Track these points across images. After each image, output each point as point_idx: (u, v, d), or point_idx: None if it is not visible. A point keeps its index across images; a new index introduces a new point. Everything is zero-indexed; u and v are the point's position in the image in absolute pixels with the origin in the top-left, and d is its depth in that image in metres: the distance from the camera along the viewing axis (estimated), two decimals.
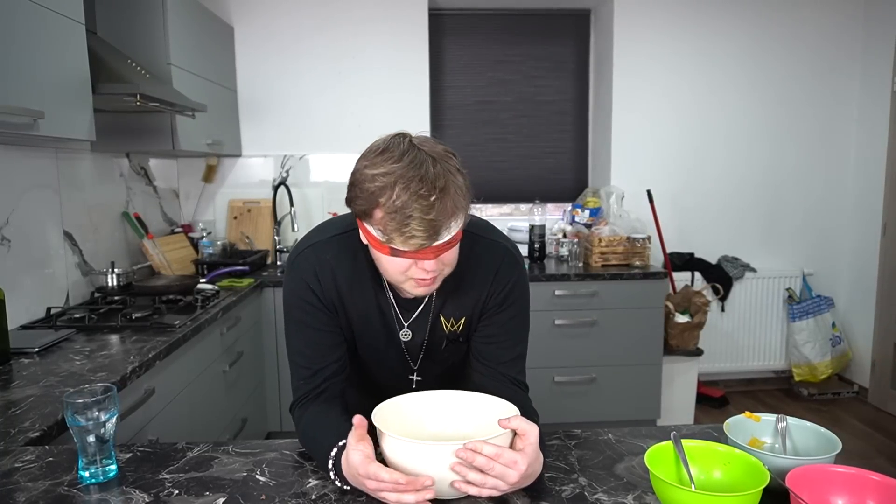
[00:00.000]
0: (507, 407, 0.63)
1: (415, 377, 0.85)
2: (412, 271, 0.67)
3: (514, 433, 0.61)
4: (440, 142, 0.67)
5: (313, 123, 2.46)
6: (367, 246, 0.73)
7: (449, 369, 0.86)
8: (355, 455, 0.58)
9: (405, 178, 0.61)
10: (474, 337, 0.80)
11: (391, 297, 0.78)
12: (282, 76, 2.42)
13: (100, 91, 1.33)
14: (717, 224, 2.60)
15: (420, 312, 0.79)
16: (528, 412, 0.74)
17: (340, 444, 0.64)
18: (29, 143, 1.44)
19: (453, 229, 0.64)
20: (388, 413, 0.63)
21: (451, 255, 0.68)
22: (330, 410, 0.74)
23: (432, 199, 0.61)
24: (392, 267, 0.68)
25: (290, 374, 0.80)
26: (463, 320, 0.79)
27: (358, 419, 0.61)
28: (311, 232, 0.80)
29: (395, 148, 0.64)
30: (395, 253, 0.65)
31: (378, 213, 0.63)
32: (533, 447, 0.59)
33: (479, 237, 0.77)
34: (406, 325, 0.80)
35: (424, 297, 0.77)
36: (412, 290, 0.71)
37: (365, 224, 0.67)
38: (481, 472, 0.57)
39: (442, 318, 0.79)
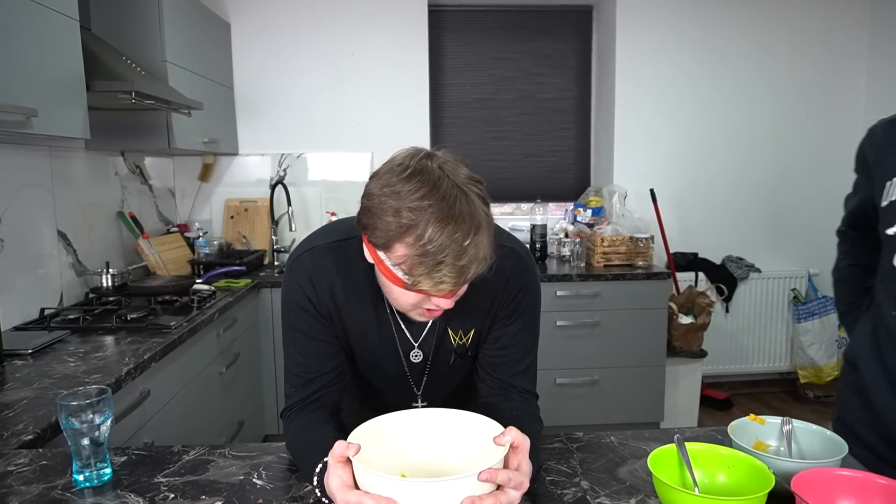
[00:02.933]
0: (493, 426, 0.60)
1: (419, 403, 0.82)
2: (423, 303, 0.64)
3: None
4: (460, 160, 0.61)
5: (311, 121, 2.44)
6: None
7: (457, 387, 0.83)
8: (334, 480, 0.56)
9: (439, 217, 0.55)
10: (483, 348, 0.77)
11: (395, 313, 0.74)
12: (279, 73, 2.40)
13: (94, 88, 1.32)
14: (721, 223, 2.58)
15: (427, 329, 0.76)
16: (533, 422, 0.72)
17: (325, 459, 0.61)
18: (22, 142, 1.43)
19: (481, 269, 0.60)
20: (366, 438, 0.58)
21: (465, 287, 0.64)
22: (318, 422, 0.71)
23: (466, 243, 0.56)
24: (402, 298, 0.63)
25: (284, 380, 0.78)
26: (472, 332, 0.76)
27: (340, 444, 0.56)
28: (313, 234, 0.77)
29: (424, 175, 0.57)
30: (410, 288, 0.61)
31: (401, 250, 0.58)
32: (527, 458, 0.58)
33: None
34: (416, 344, 0.76)
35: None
36: (416, 318, 0.68)
37: (379, 254, 0.61)
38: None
39: (450, 331, 0.76)
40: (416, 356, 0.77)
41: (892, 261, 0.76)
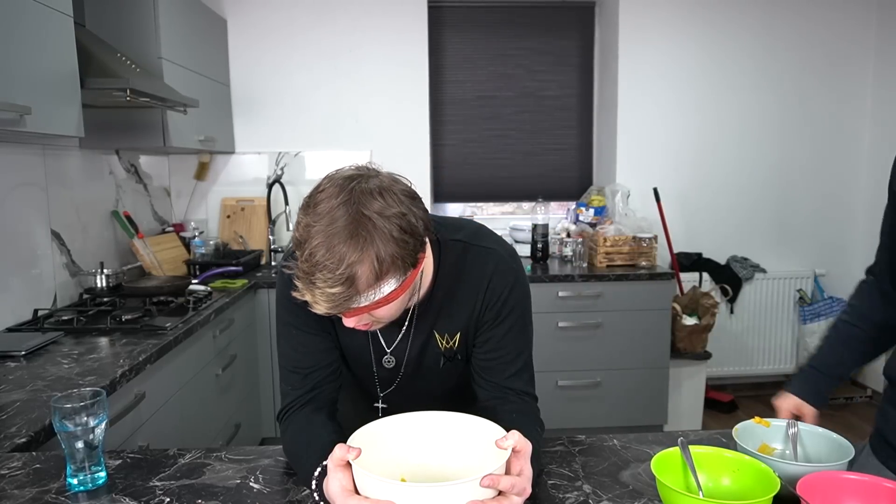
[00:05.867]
0: (495, 429, 0.59)
1: (380, 404, 0.82)
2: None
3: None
4: (407, 193, 0.60)
5: (309, 119, 2.42)
6: None
7: (450, 392, 0.83)
8: (334, 485, 0.55)
9: (320, 238, 0.55)
10: (474, 352, 0.77)
11: None
12: (276, 70, 2.39)
13: (88, 86, 1.31)
14: (725, 223, 2.56)
15: (401, 336, 0.76)
16: (533, 424, 0.72)
17: (324, 463, 0.61)
18: (15, 140, 1.42)
19: (369, 300, 0.58)
20: (366, 442, 0.57)
21: (385, 312, 0.62)
22: (317, 424, 0.71)
23: (338, 272, 0.55)
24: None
25: (280, 380, 0.78)
26: (458, 335, 0.76)
27: (340, 448, 0.56)
28: None
29: (333, 192, 0.57)
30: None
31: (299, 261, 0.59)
32: (529, 464, 0.57)
33: (469, 245, 0.73)
34: (390, 350, 0.77)
35: (407, 315, 0.73)
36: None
37: None
38: None
39: (436, 335, 0.76)
40: (389, 362, 0.78)
41: None
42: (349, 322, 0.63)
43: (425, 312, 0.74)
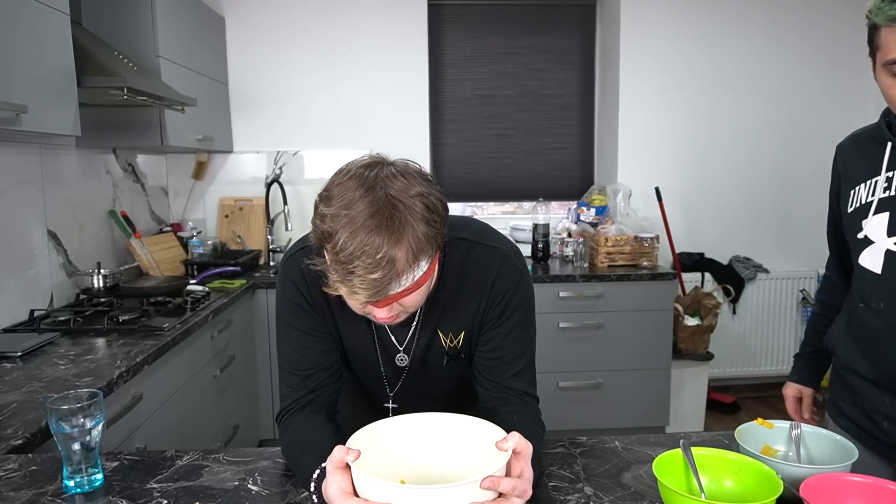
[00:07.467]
0: (495, 430, 0.59)
1: (390, 404, 0.82)
2: (368, 309, 0.63)
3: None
4: (423, 175, 0.61)
5: (308, 118, 2.42)
6: None
7: (452, 392, 0.82)
8: (333, 487, 0.55)
9: (353, 226, 0.55)
10: (476, 351, 0.76)
11: None
12: (275, 69, 2.38)
13: (85, 84, 1.30)
14: (728, 223, 2.56)
15: (411, 333, 0.76)
16: (534, 426, 0.71)
17: (323, 465, 0.61)
18: (11, 139, 1.42)
19: (407, 282, 0.59)
20: (365, 443, 0.57)
21: (413, 299, 0.62)
22: (316, 426, 0.71)
23: (378, 256, 0.55)
24: (349, 300, 0.62)
25: (279, 382, 0.77)
26: (462, 335, 0.76)
27: (339, 450, 0.55)
28: (308, 235, 0.76)
29: (356, 182, 0.57)
30: (333, 291, 0.61)
31: (327, 255, 0.59)
32: (529, 465, 0.57)
33: (475, 244, 0.73)
34: (402, 347, 0.77)
35: (415, 315, 0.73)
36: (376, 321, 0.67)
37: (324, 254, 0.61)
38: None
39: (440, 334, 0.76)
40: (402, 360, 0.78)
41: (858, 259, 0.83)
42: (381, 313, 0.62)
43: (430, 311, 0.74)
